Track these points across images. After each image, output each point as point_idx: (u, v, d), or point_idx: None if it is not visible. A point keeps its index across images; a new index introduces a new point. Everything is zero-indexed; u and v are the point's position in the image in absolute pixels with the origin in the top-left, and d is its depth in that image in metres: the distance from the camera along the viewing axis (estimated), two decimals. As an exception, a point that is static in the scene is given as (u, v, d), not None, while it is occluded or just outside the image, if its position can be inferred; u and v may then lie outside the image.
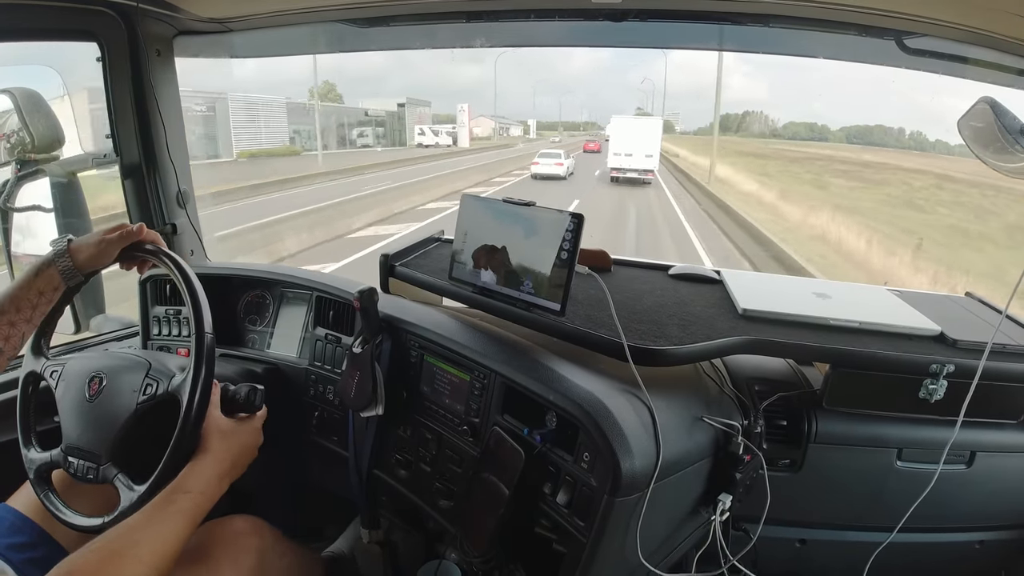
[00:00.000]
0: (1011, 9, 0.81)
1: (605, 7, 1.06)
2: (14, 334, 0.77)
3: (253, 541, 0.89)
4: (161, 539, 0.67)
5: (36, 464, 0.84)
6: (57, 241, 0.80)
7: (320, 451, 1.12)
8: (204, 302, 0.79)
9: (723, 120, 56.01)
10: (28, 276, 0.78)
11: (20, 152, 1.11)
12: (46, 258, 0.79)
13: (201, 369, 0.76)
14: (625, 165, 17.13)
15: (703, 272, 1.18)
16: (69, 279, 0.80)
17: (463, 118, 37.00)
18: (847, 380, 0.90)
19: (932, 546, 1.03)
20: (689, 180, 19.22)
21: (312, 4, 1.11)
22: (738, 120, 49.96)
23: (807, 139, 39.38)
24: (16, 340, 0.78)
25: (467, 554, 0.86)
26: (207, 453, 0.76)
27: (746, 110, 64.45)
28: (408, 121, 35.60)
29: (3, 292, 0.77)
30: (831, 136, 39.36)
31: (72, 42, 1.14)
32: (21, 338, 0.79)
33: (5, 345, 0.76)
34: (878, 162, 20.58)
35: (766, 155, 27.41)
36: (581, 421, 0.75)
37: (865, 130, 37.45)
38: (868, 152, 26.31)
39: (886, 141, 31.53)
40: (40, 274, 0.78)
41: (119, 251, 0.82)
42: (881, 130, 35.92)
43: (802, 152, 27.15)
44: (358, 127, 31.02)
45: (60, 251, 0.79)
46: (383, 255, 1.15)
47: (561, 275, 0.85)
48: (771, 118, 49.51)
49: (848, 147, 30.44)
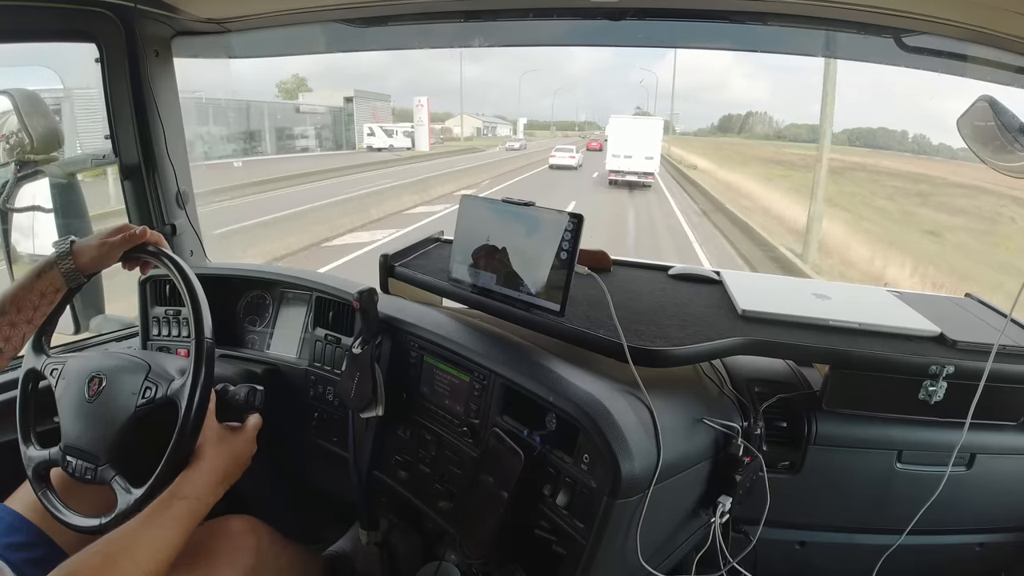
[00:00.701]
0: (1010, 7, 0.81)
1: (603, 6, 1.05)
2: (15, 334, 0.77)
3: (250, 541, 0.89)
4: (157, 544, 0.68)
5: (35, 461, 0.84)
6: (59, 243, 0.80)
7: (320, 452, 1.12)
8: (205, 306, 0.79)
9: (726, 121, 53.39)
10: (30, 277, 0.78)
11: (19, 153, 1.10)
12: (48, 260, 0.79)
13: (200, 375, 0.76)
14: (624, 167, 16.20)
15: (703, 272, 1.18)
16: (71, 281, 0.80)
17: (421, 115, 30.95)
18: (847, 381, 0.90)
19: (932, 548, 1.02)
20: (715, 206, 13.33)
21: (310, 4, 1.10)
22: (741, 121, 49.12)
23: (808, 141, 38.67)
24: (17, 340, 0.78)
25: (466, 555, 0.86)
26: (201, 460, 0.77)
27: (749, 111, 62.76)
28: (360, 119, 30.09)
29: (4, 293, 0.77)
30: (833, 138, 38.41)
31: (71, 43, 1.14)
32: (22, 339, 0.79)
33: (5, 345, 0.76)
34: (931, 175, 16.87)
35: (789, 162, 23.33)
36: (581, 422, 0.75)
37: (868, 132, 36.58)
38: (886, 157, 24.26)
39: (889, 144, 30.71)
40: (42, 276, 0.78)
41: (122, 253, 0.82)
42: (885, 132, 34.91)
43: (842, 161, 21.37)
44: (301, 127, 26.58)
45: (63, 253, 0.79)
46: (383, 255, 1.15)
47: (560, 275, 0.85)
48: (775, 119, 48.18)
49: (867, 151, 28.15)
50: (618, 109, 77.59)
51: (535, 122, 76.78)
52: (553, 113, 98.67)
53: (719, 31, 1.16)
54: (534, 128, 70.89)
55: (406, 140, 29.26)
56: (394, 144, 28.01)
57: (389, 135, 28.50)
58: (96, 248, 0.80)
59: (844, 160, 22.57)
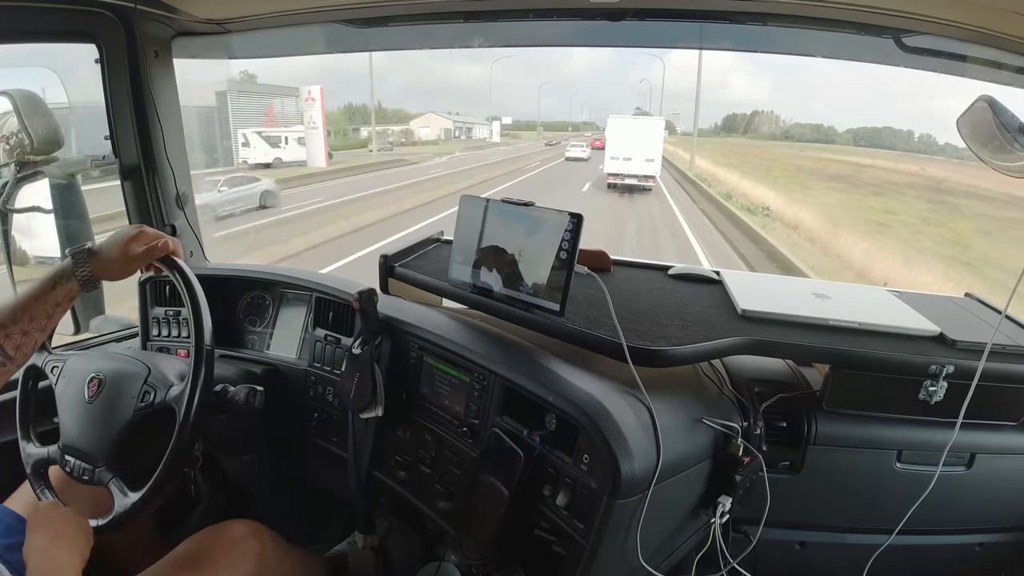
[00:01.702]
0: (1010, 7, 0.81)
1: (603, 7, 1.06)
2: (26, 343, 0.76)
3: (253, 545, 0.89)
4: None
5: (34, 458, 0.84)
6: (76, 252, 0.78)
7: (320, 452, 1.12)
8: (206, 315, 0.79)
9: (730, 121, 50.61)
10: (44, 287, 0.76)
11: (19, 154, 1.11)
12: (64, 269, 0.77)
13: (199, 382, 0.77)
14: (623, 170, 15.00)
15: (703, 272, 1.17)
16: (87, 288, 0.78)
17: (313, 113, 19.80)
18: (847, 381, 0.90)
19: (932, 548, 1.02)
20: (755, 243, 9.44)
21: (310, 5, 1.11)
22: (746, 120, 46.95)
23: (813, 141, 36.95)
24: (28, 348, 0.77)
25: (466, 556, 0.86)
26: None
27: (755, 110, 59.16)
28: (242, 122, 20.35)
29: (17, 301, 0.76)
30: (838, 138, 36.80)
31: (70, 44, 1.14)
32: (32, 346, 0.78)
33: (16, 353, 0.75)
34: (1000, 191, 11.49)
35: (827, 172, 18.68)
36: (580, 423, 0.75)
37: (873, 132, 35.36)
38: (921, 161, 20.19)
39: (895, 144, 29.40)
40: (58, 286, 0.77)
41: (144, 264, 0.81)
42: (890, 132, 33.29)
43: (893, 170, 17.27)
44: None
45: (80, 261, 0.78)
46: (383, 256, 1.15)
47: (560, 275, 0.85)
48: (781, 118, 45.53)
49: (899, 155, 24.61)
50: (618, 109, 74.79)
51: (519, 122, 68.64)
52: (539, 113, 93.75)
53: (719, 31, 1.16)
54: (518, 129, 63.17)
55: (297, 150, 19.94)
56: (283, 157, 19.30)
57: (275, 144, 19.46)
58: (119, 261, 0.79)
59: (890, 168, 18.22)
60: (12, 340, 0.75)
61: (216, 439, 0.99)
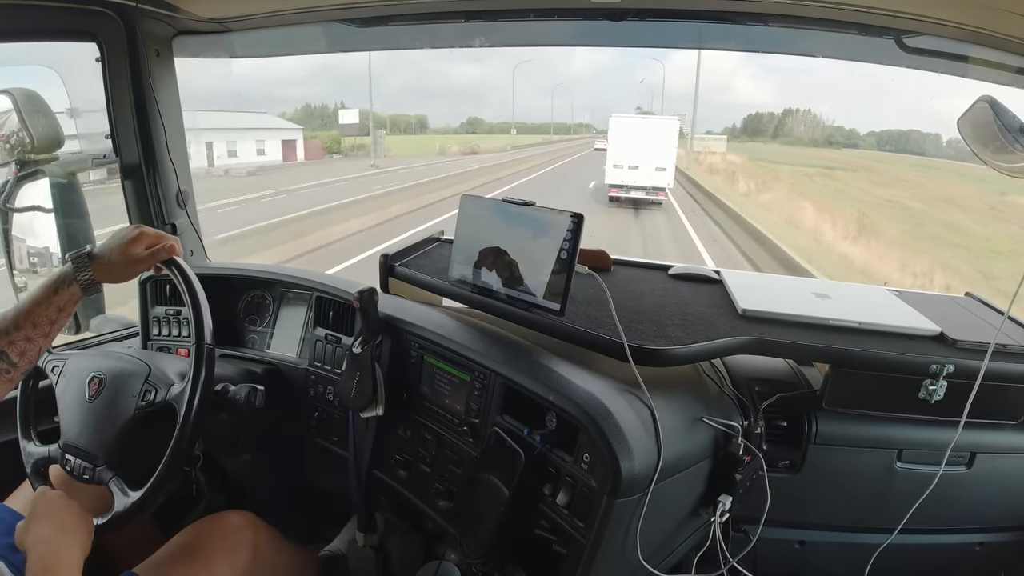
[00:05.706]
0: (1011, 8, 0.81)
1: (604, 6, 1.06)
2: (30, 349, 0.76)
3: (248, 536, 0.89)
4: None
5: (34, 458, 0.84)
6: (76, 256, 0.78)
7: (320, 451, 1.12)
8: (207, 316, 0.79)
9: (753, 122, 41.89)
10: (46, 292, 0.76)
11: (20, 153, 1.10)
12: (65, 274, 0.77)
13: (200, 380, 0.76)
14: (628, 181, 11.87)
15: (703, 272, 1.17)
16: (89, 292, 0.78)
17: None
18: (847, 380, 0.90)
19: (932, 548, 1.02)
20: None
21: (311, 4, 1.11)
22: (775, 121, 38.65)
23: (846, 146, 32.36)
24: (32, 355, 0.77)
25: (466, 555, 0.86)
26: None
27: (786, 109, 46.09)
28: None
29: (19, 308, 0.75)
30: (861, 142, 32.93)
31: (72, 42, 1.14)
32: (37, 352, 0.77)
33: (20, 360, 0.75)
34: None
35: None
36: (581, 422, 0.75)
37: (899, 135, 31.93)
38: None
39: (924, 149, 26.31)
40: (60, 291, 0.76)
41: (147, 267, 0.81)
42: (918, 136, 29.87)
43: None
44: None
45: (81, 264, 0.77)
46: (383, 255, 1.15)
47: (561, 275, 0.85)
48: (821, 119, 36.47)
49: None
50: (619, 110, 71.24)
51: (526, 125, 62.89)
52: (514, 115, 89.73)
53: (720, 32, 1.16)
54: (524, 132, 57.40)
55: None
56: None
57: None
58: (122, 265, 0.79)
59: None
60: (16, 347, 0.74)
61: (216, 438, 0.98)
